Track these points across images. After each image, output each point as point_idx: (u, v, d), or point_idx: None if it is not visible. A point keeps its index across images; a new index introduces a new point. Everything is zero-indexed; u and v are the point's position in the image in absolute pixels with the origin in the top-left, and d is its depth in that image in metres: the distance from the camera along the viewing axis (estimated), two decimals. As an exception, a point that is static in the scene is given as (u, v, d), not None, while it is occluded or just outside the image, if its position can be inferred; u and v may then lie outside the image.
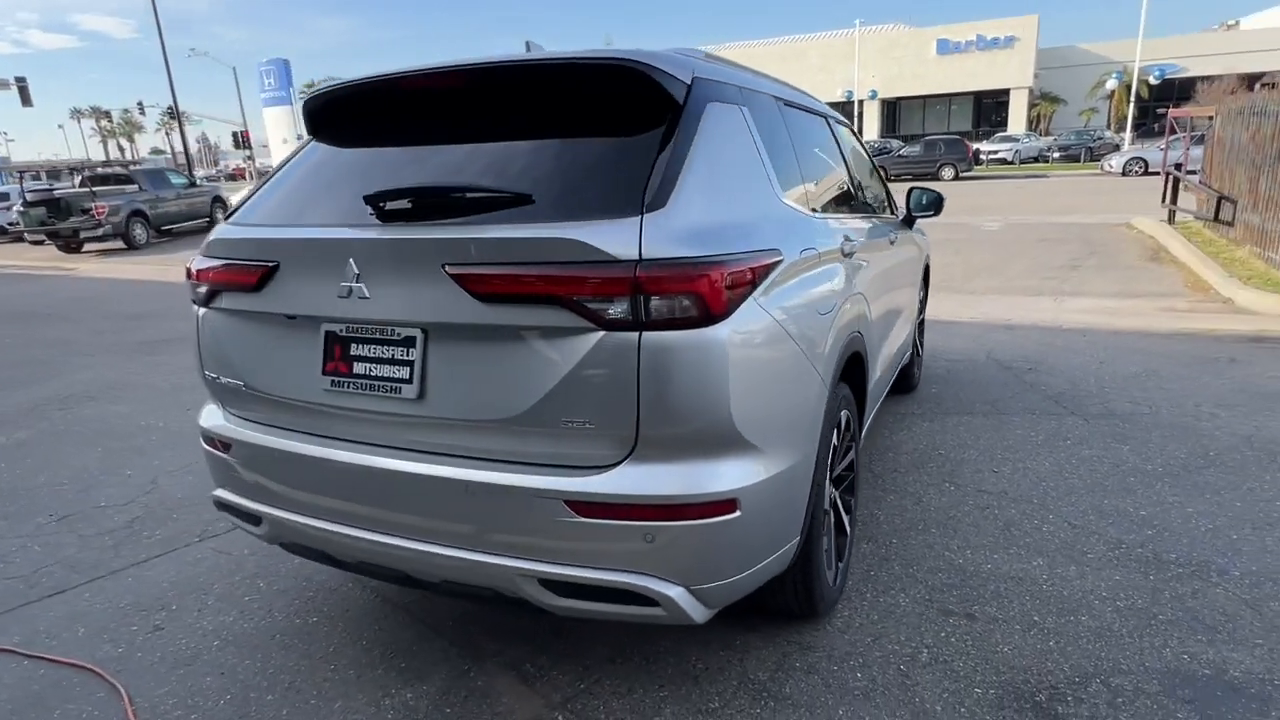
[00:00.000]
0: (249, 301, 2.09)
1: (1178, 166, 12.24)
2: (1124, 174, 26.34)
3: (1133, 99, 35.20)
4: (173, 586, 2.93)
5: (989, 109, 43.37)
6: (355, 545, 2.04)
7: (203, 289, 2.22)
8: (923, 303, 5.07)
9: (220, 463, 2.31)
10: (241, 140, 42.60)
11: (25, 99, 30.84)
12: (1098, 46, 43.22)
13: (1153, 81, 37.74)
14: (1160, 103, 41.28)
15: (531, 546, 1.80)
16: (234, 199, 25.10)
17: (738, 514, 1.75)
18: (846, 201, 3.21)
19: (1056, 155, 33.32)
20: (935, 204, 4.14)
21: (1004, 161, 32.92)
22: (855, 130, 4.20)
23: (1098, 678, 2.21)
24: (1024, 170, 30.80)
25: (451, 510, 1.86)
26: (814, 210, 2.52)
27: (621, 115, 1.91)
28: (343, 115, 2.32)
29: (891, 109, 43.85)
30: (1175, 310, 7.41)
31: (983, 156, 32.14)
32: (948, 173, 28.48)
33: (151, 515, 3.58)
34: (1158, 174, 24.84)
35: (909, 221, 4.26)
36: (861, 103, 42.02)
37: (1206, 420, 4.29)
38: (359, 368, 1.94)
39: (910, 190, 4.32)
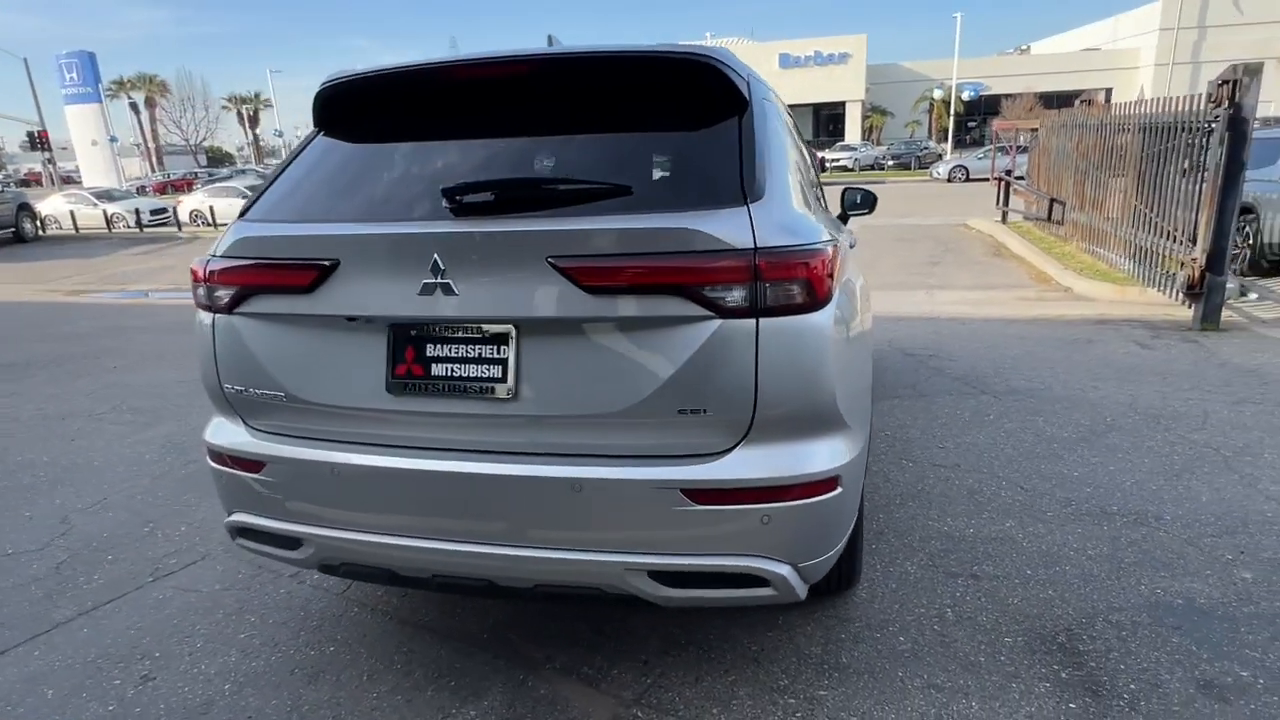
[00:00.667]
0: (296, 304, 1.92)
1: (1008, 172, 13.74)
2: (949, 180, 29.18)
3: (951, 113, 39.05)
4: (144, 633, 2.61)
5: (827, 120, 46.51)
6: (429, 558, 1.93)
7: (223, 293, 2.01)
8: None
9: (241, 485, 2.10)
10: (39, 141, 37.66)
11: None
12: (918, 65, 47.57)
13: (966, 98, 42.17)
14: (971, 116, 46.08)
15: (643, 539, 1.79)
16: (43, 207, 22.18)
17: (838, 491, 1.83)
18: (820, 198, 3.39)
19: (890, 163, 36.40)
20: (869, 202, 4.41)
21: (845, 169, 35.47)
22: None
23: (1099, 617, 2.49)
24: (864, 176, 33.28)
25: (554, 510, 1.81)
26: (818, 203, 2.66)
27: (694, 108, 1.94)
28: (374, 106, 2.18)
29: (739, 118, 46.01)
30: (1028, 299, 8.35)
31: (827, 164, 34.46)
32: (798, 179, 30.19)
33: (79, 558, 3.16)
34: (979, 180, 27.78)
35: (844, 219, 4.54)
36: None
37: (1092, 392, 4.89)
38: (438, 369, 1.84)
39: (844, 190, 4.61)
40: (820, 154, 33.92)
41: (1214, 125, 6.48)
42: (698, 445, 1.77)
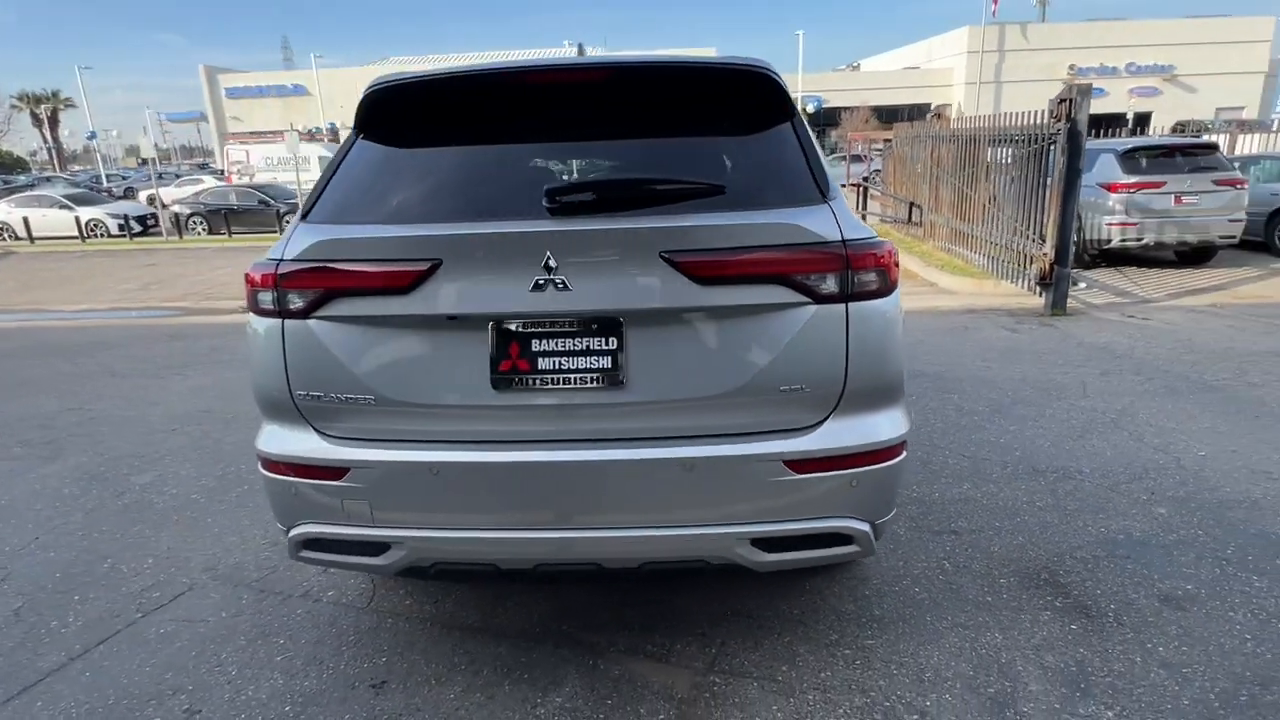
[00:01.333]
0: (391, 305, 1.91)
1: (865, 179, 14.96)
2: None
3: (795, 124, 41.63)
4: (163, 668, 2.43)
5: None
6: (535, 548, 1.99)
7: (299, 297, 1.96)
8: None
9: (312, 494, 2.05)
10: None
11: None
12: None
13: (811, 110, 45.12)
14: (814, 127, 49.23)
15: (748, 511, 1.95)
16: None
17: (903, 455, 2.08)
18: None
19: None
20: None
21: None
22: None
23: (1067, 555, 2.92)
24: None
25: (666, 490, 1.93)
26: None
27: (752, 113, 2.12)
28: (440, 108, 2.18)
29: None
30: (903, 294, 9.20)
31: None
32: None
33: (38, 603, 2.85)
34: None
35: None
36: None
37: (986, 371, 5.54)
38: (545, 363, 1.91)
39: None
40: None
41: (1056, 137, 7.47)
42: (795, 420, 1.95)
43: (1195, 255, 9.91)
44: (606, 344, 1.90)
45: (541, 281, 1.86)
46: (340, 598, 2.79)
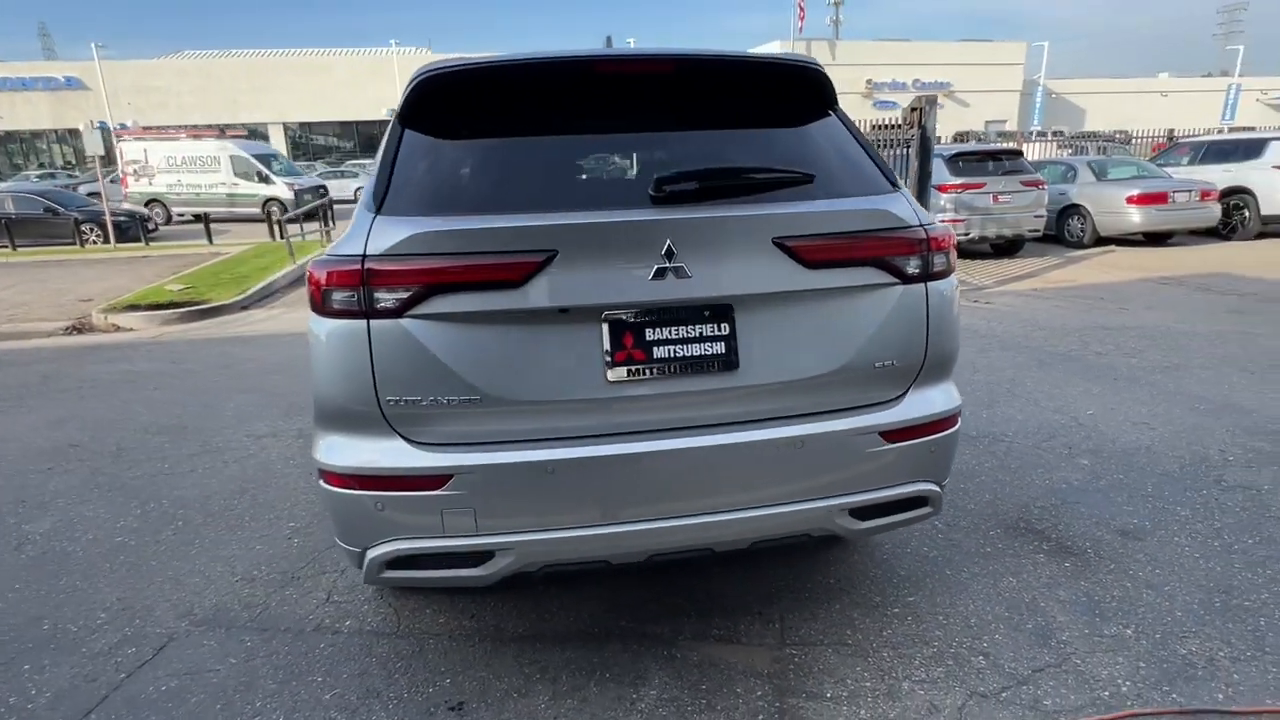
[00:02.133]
0: (500, 299, 1.82)
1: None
2: None
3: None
4: (188, 727, 2.13)
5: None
6: (648, 539, 1.97)
7: (390, 295, 1.81)
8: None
9: (403, 508, 1.90)
10: None
11: None
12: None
13: None
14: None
15: (847, 482, 2.06)
16: None
17: (960, 422, 2.28)
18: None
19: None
20: None
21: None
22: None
23: (1030, 505, 3.30)
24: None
25: (778, 469, 1.99)
26: None
27: (805, 106, 2.23)
28: (508, 96, 2.08)
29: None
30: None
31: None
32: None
33: (-24, 679, 2.39)
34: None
35: None
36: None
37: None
38: (660, 352, 1.90)
39: None
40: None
41: (910, 141, 8.29)
42: (884, 394, 2.09)
43: (1008, 247, 11.36)
44: (719, 329, 1.93)
45: (662, 269, 1.85)
46: (361, 626, 2.58)
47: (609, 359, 1.89)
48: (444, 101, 2.06)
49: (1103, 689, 2.15)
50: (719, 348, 1.94)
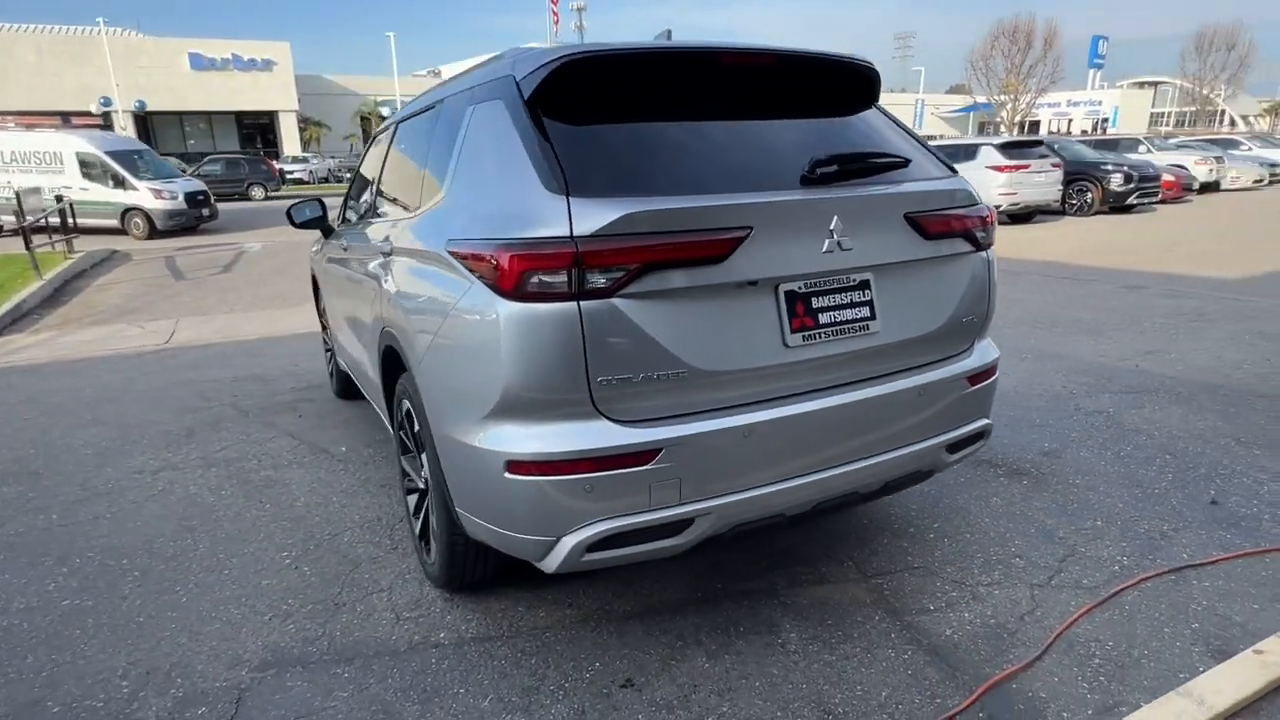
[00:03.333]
0: (703, 275, 1.91)
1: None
2: None
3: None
4: (353, 765, 1.94)
5: (256, 130, 43.06)
6: (813, 490, 2.17)
7: (604, 275, 1.82)
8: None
9: (609, 488, 1.92)
10: None
11: None
12: (343, 79, 47.67)
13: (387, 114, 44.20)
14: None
15: (944, 422, 2.41)
16: None
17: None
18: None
19: (347, 174, 36.06)
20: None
21: (301, 181, 33.79)
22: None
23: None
24: (327, 190, 32.36)
25: (906, 415, 2.28)
26: None
27: (863, 100, 2.55)
28: (644, 81, 2.13)
29: (143, 123, 39.03)
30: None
31: (286, 176, 32.39)
32: (258, 192, 27.92)
33: (11, 782, 1.94)
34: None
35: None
36: (113, 114, 36.22)
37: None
38: (824, 318, 2.11)
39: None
40: (279, 165, 31.85)
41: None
42: (963, 345, 2.48)
43: (1025, 216, 14.48)
44: (864, 295, 2.19)
45: (829, 243, 2.06)
46: (459, 635, 2.47)
47: (788, 326, 2.06)
48: (590, 84, 2.09)
49: (1112, 565, 2.74)
50: (865, 311, 2.19)
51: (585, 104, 2.09)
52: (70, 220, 13.90)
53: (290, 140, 41.71)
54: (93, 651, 2.47)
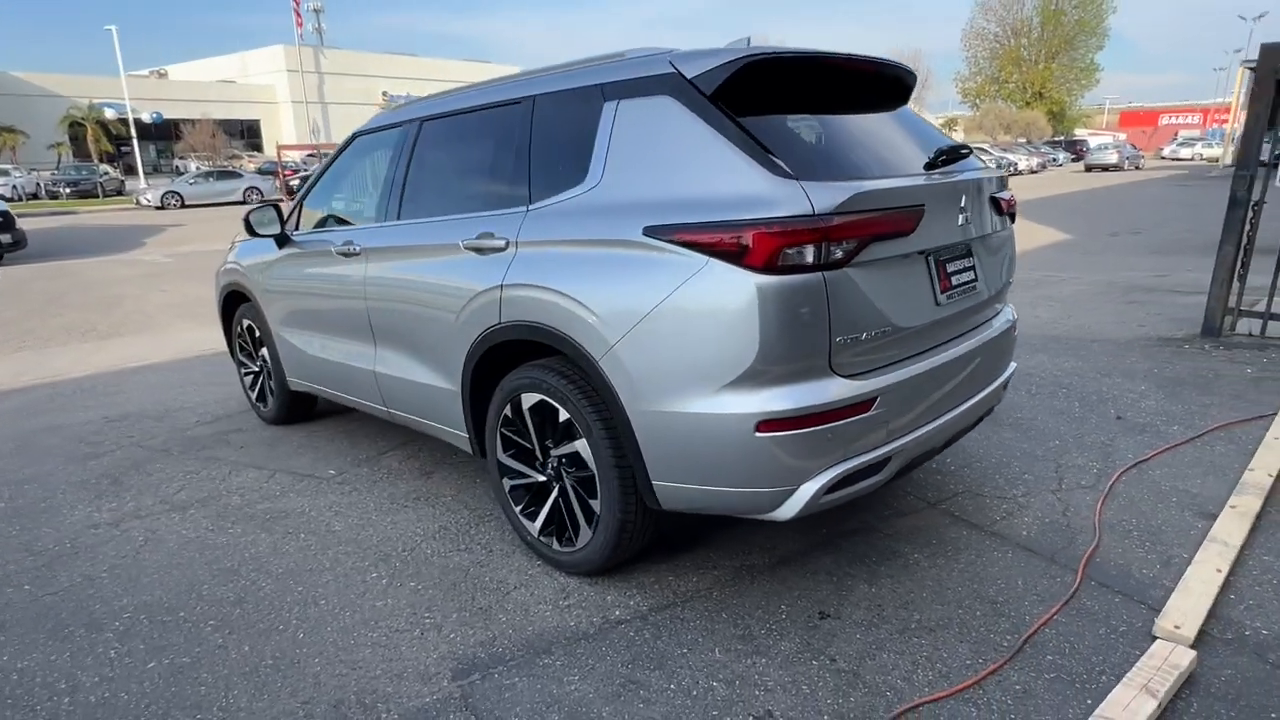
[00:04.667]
0: (897, 246, 2.25)
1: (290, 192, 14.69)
2: (161, 207, 27.17)
3: (132, 135, 35.12)
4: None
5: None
6: (948, 428, 2.59)
7: (840, 248, 2.09)
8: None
9: (842, 435, 2.19)
10: None
11: None
12: (43, 78, 40.34)
13: (149, 121, 38.38)
14: (151, 140, 42.27)
15: (1002, 364, 2.97)
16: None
17: (1007, 325, 3.38)
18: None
19: (67, 190, 30.69)
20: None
21: (4, 198, 28.20)
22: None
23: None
24: (38, 208, 27.30)
25: (998, 355, 2.80)
26: None
27: (906, 98, 3.04)
28: (809, 80, 2.43)
29: None
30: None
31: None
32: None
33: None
34: (202, 205, 26.78)
35: None
36: None
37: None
38: (955, 280, 2.54)
39: None
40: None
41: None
42: (1005, 301, 3.06)
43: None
44: (970, 261, 2.66)
45: (962, 219, 2.51)
46: (635, 610, 2.56)
47: (938, 288, 2.46)
48: (764, 82, 2.33)
49: (1090, 469, 3.49)
50: (972, 274, 2.66)
51: (764, 99, 2.33)
52: None
53: (-25, 149, 34.57)
54: (246, 701, 2.21)
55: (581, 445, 2.55)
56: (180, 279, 11.33)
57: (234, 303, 4.84)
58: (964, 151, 2.73)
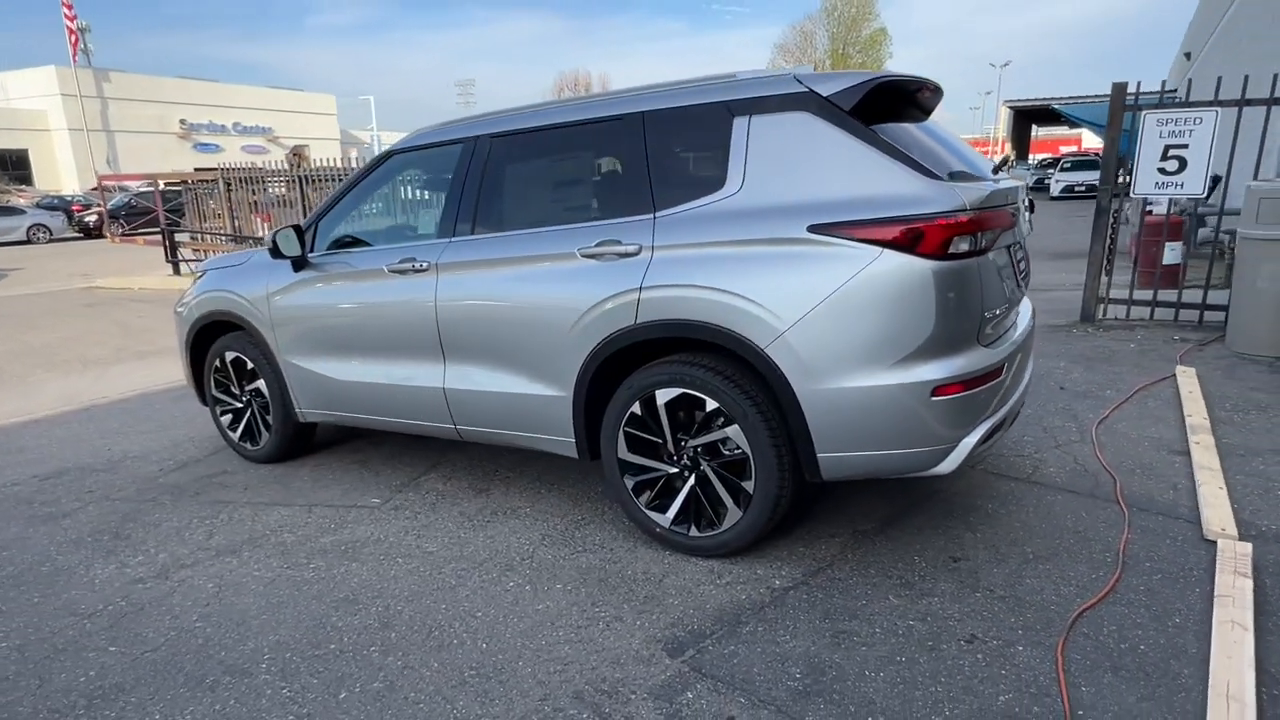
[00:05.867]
0: (1005, 237, 2.69)
1: (174, 224, 13.42)
2: (29, 241, 24.45)
3: None
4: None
5: None
6: (1016, 403, 3.04)
7: (983, 237, 2.49)
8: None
9: (986, 397, 2.59)
10: None
11: None
12: None
13: None
14: None
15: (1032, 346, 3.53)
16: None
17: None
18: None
19: None
20: None
21: None
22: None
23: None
24: None
25: (1031, 340, 3.33)
26: None
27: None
28: (904, 99, 2.80)
29: None
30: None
31: None
32: None
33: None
34: (72, 239, 23.36)
35: None
36: None
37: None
38: (1020, 268, 3.03)
39: None
40: None
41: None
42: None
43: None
44: (1022, 253, 3.17)
45: (1022, 219, 3.01)
46: (791, 578, 2.78)
47: (1012, 274, 2.93)
48: (887, 98, 2.70)
49: (1070, 427, 4.16)
50: (1025, 264, 3.17)
51: (882, 114, 2.70)
52: None
53: None
54: (480, 709, 2.18)
55: (734, 431, 2.74)
56: (10, 326, 9.83)
57: (208, 336, 4.46)
58: (1001, 161, 3.27)
